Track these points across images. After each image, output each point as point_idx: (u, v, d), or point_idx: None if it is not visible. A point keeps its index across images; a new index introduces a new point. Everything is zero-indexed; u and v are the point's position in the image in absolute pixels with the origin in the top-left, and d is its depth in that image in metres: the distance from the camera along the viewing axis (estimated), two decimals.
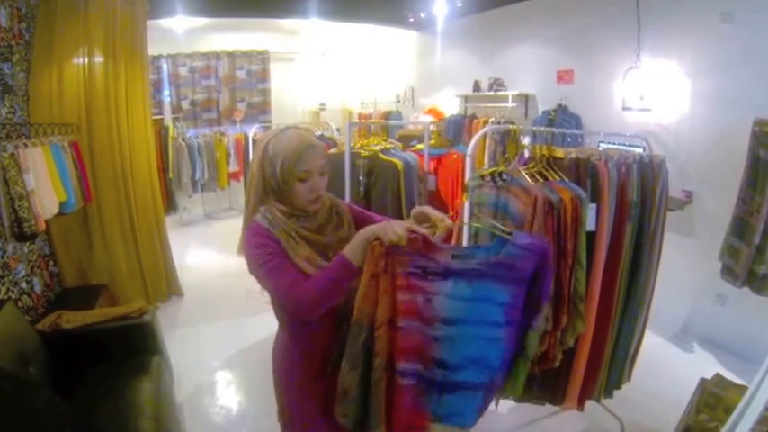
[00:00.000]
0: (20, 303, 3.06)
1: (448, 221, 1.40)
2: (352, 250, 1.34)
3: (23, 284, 3.18)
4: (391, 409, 1.39)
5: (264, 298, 1.65)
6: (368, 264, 1.33)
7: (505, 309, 1.34)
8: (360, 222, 1.61)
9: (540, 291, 1.37)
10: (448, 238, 2.45)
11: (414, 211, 1.49)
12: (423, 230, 1.34)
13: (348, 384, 1.39)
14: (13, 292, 3.02)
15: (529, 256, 1.33)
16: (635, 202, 2.21)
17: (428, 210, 1.45)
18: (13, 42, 3.33)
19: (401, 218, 3.08)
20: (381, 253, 1.32)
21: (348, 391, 1.39)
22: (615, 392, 2.53)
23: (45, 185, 2.99)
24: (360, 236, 1.35)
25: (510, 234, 1.37)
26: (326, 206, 1.56)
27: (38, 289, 3.37)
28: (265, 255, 1.39)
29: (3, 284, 2.92)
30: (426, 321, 1.34)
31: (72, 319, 2.81)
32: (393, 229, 1.30)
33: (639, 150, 2.74)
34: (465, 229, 2.43)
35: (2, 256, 2.96)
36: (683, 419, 2.22)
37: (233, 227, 6.91)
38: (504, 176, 2.26)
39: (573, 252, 2.06)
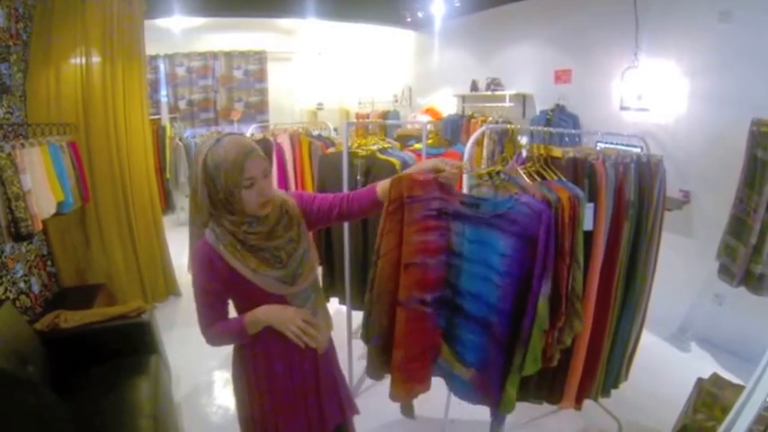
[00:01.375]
0: (18, 303, 3.06)
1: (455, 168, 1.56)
2: (252, 324, 1.46)
3: (21, 284, 3.18)
4: (412, 333, 1.59)
5: None
6: (385, 206, 1.55)
7: (504, 260, 1.49)
8: (307, 209, 1.63)
9: (547, 255, 1.51)
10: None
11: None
12: (446, 172, 1.51)
13: (367, 307, 1.66)
14: (11, 291, 3.02)
15: (529, 214, 1.48)
16: (632, 201, 2.21)
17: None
18: (11, 43, 3.33)
19: None
20: (393, 198, 1.54)
21: (367, 315, 1.66)
22: (613, 392, 2.53)
23: (42, 185, 2.99)
24: (256, 319, 1.46)
25: (516, 192, 1.57)
26: (276, 206, 1.54)
27: (36, 289, 3.37)
28: (199, 283, 1.48)
29: (1, 284, 2.91)
30: (441, 252, 1.55)
31: (70, 319, 2.81)
32: (295, 323, 1.43)
33: (637, 150, 2.75)
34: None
35: (0, 256, 2.96)
36: (681, 419, 2.23)
37: None
38: (502, 176, 2.27)
39: (570, 251, 2.06)
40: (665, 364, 3.48)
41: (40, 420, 1.91)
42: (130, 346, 2.82)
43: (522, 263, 1.46)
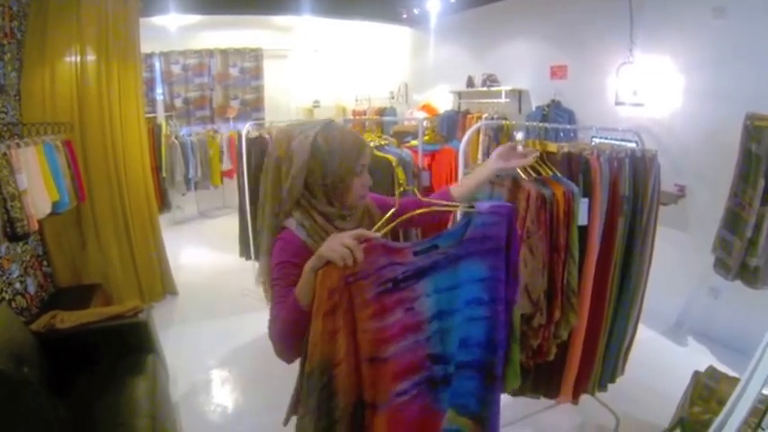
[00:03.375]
0: (13, 304, 3.05)
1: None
2: (300, 288, 1.18)
3: (17, 285, 3.16)
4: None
5: (259, 296, 1.64)
6: (318, 301, 1.10)
7: (486, 284, 1.24)
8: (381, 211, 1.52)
9: (513, 260, 1.28)
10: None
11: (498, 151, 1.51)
12: (376, 234, 1.18)
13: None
14: (6, 292, 3.01)
15: (497, 220, 1.25)
16: (627, 196, 2.22)
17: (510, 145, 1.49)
18: (5, 41, 3.31)
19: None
20: (334, 287, 1.10)
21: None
22: (610, 386, 2.54)
23: (38, 185, 2.98)
24: (306, 268, 1.16)
25: (472, 207, 1.27)
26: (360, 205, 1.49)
27: (31, 289, 3.35)
28: (278, 278, 1.31)
29: None
30: (414, 329, 1.22)
31: (67, 319, 2.80)
32: (343, 244, 1.11)
33: (632, 145, 2.75)
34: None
35: None
36: (678, 412, 2.24)
37: (227, 225, 6.89)
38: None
39: (565, 246, 2.08)
40: (661, 358, 3.49)
41: (37, 421, 1.91)
42: (127, 346, 2.82)
43: (504, 279, 1.24)
